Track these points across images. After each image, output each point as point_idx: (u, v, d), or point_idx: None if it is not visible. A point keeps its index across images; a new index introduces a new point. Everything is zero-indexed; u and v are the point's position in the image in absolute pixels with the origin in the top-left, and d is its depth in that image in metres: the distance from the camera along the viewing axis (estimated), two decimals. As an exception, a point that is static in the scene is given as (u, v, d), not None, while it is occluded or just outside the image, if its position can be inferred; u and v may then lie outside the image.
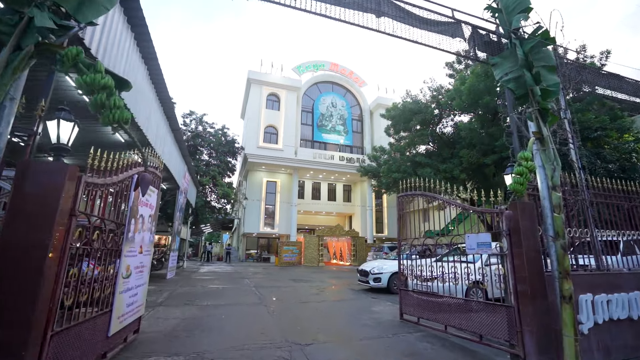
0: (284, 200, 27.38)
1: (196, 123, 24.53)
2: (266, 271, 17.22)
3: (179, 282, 11.25)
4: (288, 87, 27.40)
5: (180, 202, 13.45)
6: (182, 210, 14.30)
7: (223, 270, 17.43)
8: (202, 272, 16.44)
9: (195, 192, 19.51)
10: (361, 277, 10.26)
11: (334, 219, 32.53)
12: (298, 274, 16.03)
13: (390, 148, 19.63)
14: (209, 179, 22.06)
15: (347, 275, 15.49)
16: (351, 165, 27.44)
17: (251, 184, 27.28)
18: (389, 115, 20.35)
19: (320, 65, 31.05)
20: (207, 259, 27.12)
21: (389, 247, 19.97)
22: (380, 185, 21.12)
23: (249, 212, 26.54)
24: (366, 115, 31.45)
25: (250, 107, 25.73)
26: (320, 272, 17.58)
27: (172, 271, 12.86)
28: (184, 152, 12.93)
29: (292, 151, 25.93)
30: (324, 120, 29.69)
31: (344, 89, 31.74)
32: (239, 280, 12.24)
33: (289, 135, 26.27)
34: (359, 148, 30.86)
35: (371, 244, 26.36)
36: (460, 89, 14.26)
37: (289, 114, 26.93)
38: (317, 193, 30.53)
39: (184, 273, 15.29)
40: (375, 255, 20.15)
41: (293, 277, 14.10)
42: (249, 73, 26.18)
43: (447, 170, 16.26)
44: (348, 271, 18.01)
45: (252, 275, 14.73)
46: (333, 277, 14.24)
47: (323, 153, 26.88)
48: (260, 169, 27.40)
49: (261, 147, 25.12)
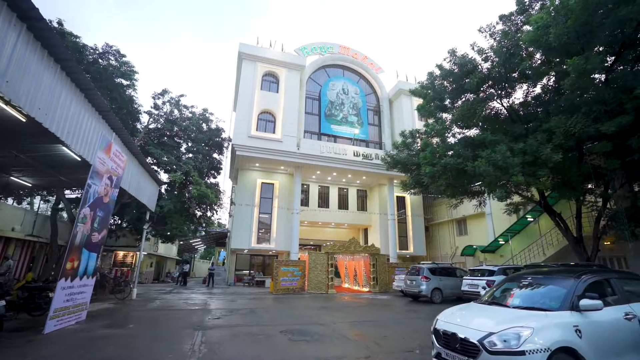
0: (283, 207, 21.56)
1: (171, 106, 19.15)
2: (251, 305, 11.28)
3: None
4: (289, 66, 22.08)
5: (95, 191, 7.76)
6: (106, 210, 8.60)
7: (177, 306, 11.47)
8: (137, 311, 10.51)
9: (155, 191, 13.84)
10: (452, 353, 4.19)
11: (346, 233, 26.51)
12: (299, 311, 10.06)
13: (429, 129, 13.89)
14: (181, 175, 16.41)
15: (377, 312, 9.50)
16: (369, 162, 21.69)
17: (242, 186, 21.59)
18: (423, 91, 14.84)
19: (328, 47, 25.94)
20: (183, 282, 21.11)
21: (430, 269, 13.92)
22: (414, 182, 15.29)
23: (238, 223, 20.72)
24: (385, 105, 25.96)
25: (242, 88, 20.43)
26: (333, 305, 11.59)
27: (64, 317, 6.99)
28: (100, 104, 7.36)
29: (293, 143, 20.30)
30: (334, 109, 24.22)
31: (357, 74, 26.45)
32: (178, 339, 6.31)
33: (290, 123, 20.73)
34: (377, 143, 25.21)
35: (395, 264, 20.26)
36: (568, 2, 8.58)
37: (290, 98, 21.49)
38: (325, 200, 24.71)
39: (100, 315, 9.39)
40: (411, 281, 14.08)
41: (290, 321, 8.15)
42: (241, 46, 20.97)
43: (526, 151, 10.47)
44: (371, 303, 11.98)
45: (220, 317, 8.79)
46: (358, 320, 8.28)
47: (333, 146, 21.20)
48: (253, 167, 21.74)
49: (254, 136, 19.53)
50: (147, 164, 11.93)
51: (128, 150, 10.16)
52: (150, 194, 13.15)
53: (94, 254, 8.13)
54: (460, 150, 11.68)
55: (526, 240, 18.24)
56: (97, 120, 7.58)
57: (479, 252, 20.99)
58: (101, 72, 15.00)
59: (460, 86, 13.07)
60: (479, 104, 11.90)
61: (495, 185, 11.09)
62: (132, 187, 10.66)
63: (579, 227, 12.85)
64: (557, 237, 15.79)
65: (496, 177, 10.57)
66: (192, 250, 51.56)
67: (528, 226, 18.47)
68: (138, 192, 11.36)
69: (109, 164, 8.33)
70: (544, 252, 16.21)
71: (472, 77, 11.58)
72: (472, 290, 11.95)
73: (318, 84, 24.71)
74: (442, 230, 25.83)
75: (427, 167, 12.30)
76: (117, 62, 15.78)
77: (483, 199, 15.23)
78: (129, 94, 16.55)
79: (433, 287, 13.47)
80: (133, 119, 17.73)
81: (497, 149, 10.34)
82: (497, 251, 20.00)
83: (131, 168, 10.48)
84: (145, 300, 12.39)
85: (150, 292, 16.26)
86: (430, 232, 26.78)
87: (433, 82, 14.91)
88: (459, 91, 13.59)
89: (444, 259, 23.66)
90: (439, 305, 12.61)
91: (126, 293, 12.19)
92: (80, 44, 14.68)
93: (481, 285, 11.65)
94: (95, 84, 15.72)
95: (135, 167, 10.94)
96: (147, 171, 12.32)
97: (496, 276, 11.57)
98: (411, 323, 8.36)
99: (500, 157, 10.32)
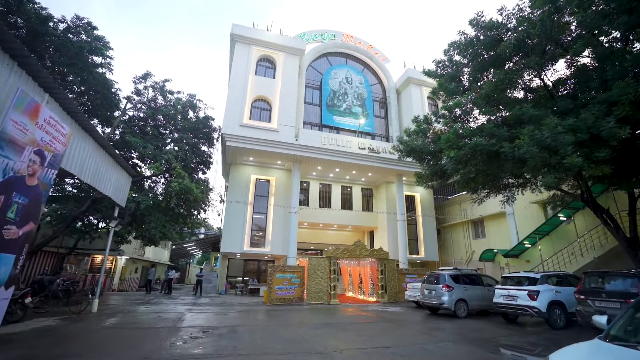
0: (280, 205, 19.33)
1: (154, 91, 17.09)
2: (236, 321, 9.03)
3: None
4: (287, 49, 19.98)
5: (10, 168, 5.60)
6: (33, 197, 6.41)
7: (141, 323, 9.23)
8: (83, 331, 8.29)
9: (125, 182, 11.66)
10: None
11: (350, 236, 24.22)
12: (294, 331, 7.77)
13: (453, 105, 11.69)
14: (161, 166, 14.27)
15: (393, 332, 7.15)
16: (375, 156, 19.47)
17: (234, 183, 19.41)
18: (438, 71, 12.78)
19: (330, 35, 23.95)
20: (167, 291, 18.82)
21: (452, 277, 11.62)
22: (431, 174, 13.06)
23: (229, 223, 18.50)
24: (392, 96, 23.80)
25: (234, 73, 18.32)
26: (337, 321, 9.31)
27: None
28: (8, 38, 5.22)
29: (291, 134, 18.11)
30: (336, 99, 22.08)
31: (362, 63, 24.37)
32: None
33: (288, 112, 18.56)
34: (383, 137, 23.01)
35: (405, 270, 17.95)
36: None
37: (288, 84, 19.35)
38: (327, 199, 22.48)
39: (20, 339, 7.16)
40: (429, 291, 11.78)
41: (279, 349, 5.88)
42: (233, 27, 18.89)
43: (579, 128, 8.28)
44: (381, 318, 9.65)
45: (187, 340, 6.54)
46: (372, 346, 6.00)
47: (336, 137, 18.97)
48: (247, 161, 19.57)
49: (246, 125, 17.34)
50: (111, 147, 9.77)
51: (78, 125, 8.03)
52: (118, 184, 10.97)
53: (8, 255, 5.92)
54: (493, 129, 9.47)
55: (558, 243, 15.90)
56: (5, 66, 5.44)
57: (500, 256, 18.65)
58: (68, 47, 12.94)
59: (490, 56, 10.95)
60: (514, 73, 9.70)
61: (540, 170, 8.87)
62: (85, 172, 8.50)
63: (633, 226, 10.59)
64: (599, 238, 13.49)
65: (542, 159, 8.36)
66: (187, 255, 49.19)
67: (559, 227, 16.15)
68: (96, 180, 9.19)
69: (37, 134, 6.17)
70: (582, 256, 13.88)
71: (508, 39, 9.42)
72: (509, 303, 9.65)
73: (319, 72, 22.64)
74: (455, 233, 23.49)
75: (451, 150, 10.07)
76: (89, 37, 13.73)
77: (511, 193, 12.99)
78: (103, 75, 14.47)
79: (457, 298, 11.16)
80: (110, 106, 15.60)
81: (545, 122, 8.14)
82: (521, 255, 17.65)
83: (84, 147, 8.33)
84: (107, 314, 10.15)
85: (124, 302, 14.01)
86: (442, 235, 24.44)
87: (452, 59, 12.83)
88: (483, 65, 11.46)
89: (458, 265, 21.27)
90: (465, 321, 10.30)
91: (83, 305, 9.96)
92: (44, 14, 12.63)
93: (521, 297, 9.36)
94: (64, 61, 13.80)
95: (91, 148, 8.78)
96: (112, 156, 10.17)
97: (540, 285, 9.27)
98: (444, 351, 6.10)
99: (548, 133, 8.12)
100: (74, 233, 15.81)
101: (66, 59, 13.23)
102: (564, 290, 9.39)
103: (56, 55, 12.99)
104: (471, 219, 21.71)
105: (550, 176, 8.26)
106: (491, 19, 10.87)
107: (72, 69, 13.48)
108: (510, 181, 12.62)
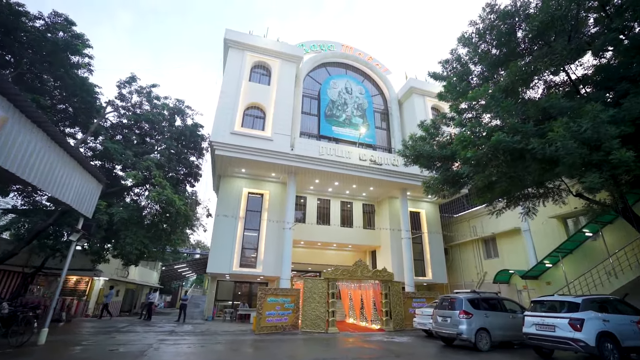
0: (274, 220, 17.67)
1: (140, 97, 15.92)
2: (210, 356, 7.24)
3: None
4: (284, 56, 18.99)
5: None
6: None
7: (85, 358, 7.48)
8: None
9: (92, 190, 10.14)
10: None
11: (350, 256, 22.40)
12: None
13: (473, 94, 10.28)
14: (138, 173, 12.82)
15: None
16: (378, 168, 18.04)
17: (224, 197, 17.86)
18: (445, 73, 11.68)
19: (329, 45, 23.21)
20: (147, 316, 16.81)
21: (470, 302, 9.86)
22: (441, 181, 11.56)
23: (217, 240, 16.81)
24: (394, 107, 22.67)
25: (226, 78, 17.24)
26: (335, 356, 7.51)
27: None
28: None
29: (286, 143, 16.73)
30: (335, 109, 20.91)
31: (362, 74, 23.45)
32: None
33: (283, 120, 17.28)
34: (385, 149, 21.65)
35: (412, 294, 16.08)
36: None
37: (284, 91, 18.18)
38: (326, 216, 20.84)
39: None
40: (443, 318, 9.99)
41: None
42: (227, 32, 17.98)
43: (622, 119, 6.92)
44: (389, 352, 7.80)
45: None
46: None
47: (335, 148, 17.60)
48: (239, 173, 18.11)
49: (238, 132, 15.96)
50: (71, 146, 8.36)
51: (20, 112, 6.65)
52: (83, 191, 9.46)
53: None
54: (516, 125, 8.08)
55: (583, 262, 14.15)
56: None
57: (517, 277, 16.79)
58: (42, 44, 11.84)
59: (503, 53, 9.77)
60: (540, 59, 8.43)
61: (579, 170, 7.40)
62: (30, 171, 7.02)
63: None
64: (635, 256, 11.79)
65: (581, 156, 6.91)
66: (179, 277, 46.61)
67: (584, 244, 14.45)
68: (48, 182, 7.70)
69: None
70: (616, 277, 12.11)
71: (531, 19, 8.22)
72: (545, 334, 7.87)
73: (317, 82, 21.64)
74: (465, 253, 21.65)
75: (467, 150, 8.63)
76: (67, 34, 12.67)
77: (532, 204, 11.42)
78: (81, 76, 13.32)
79: (478, 327, 9.36)
80: (91, 111, 14.30)
81: (585, 109, 6.75)
82: (541, 277, 15.81)
83: (28, 140, 6.91)
84: (54, 347, 8.35)
85: (91, 331, 12.12)
86: (450, 255, 22.58)
87: (460, 57, 11.75)
88: (497, 61, 10.27)
89: (469, 288, 19.31)
90: (489, 355, 8.51)
91: (26, 337, 8.19)
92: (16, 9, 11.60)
93: (561, 326, 7.60)
94: (36, 59, 12.65)
95: (42, 144, 7.36)
96: (75, 158, 8.73)
97: (584, 312, 7.54)
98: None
99: (589, 124, 6.71)
100: (42, 250, 14.10)
101: (39, 57, 12.12)
102: (612, 318, 7.65)
103: (27, 53, 11.88)
104: (482, 236, 19.97)
105: (595, 175, 6.76)
106: (506, 7, 9.77)
107: (46, 68, 12.34)
108: (530, 191, 11.13)
